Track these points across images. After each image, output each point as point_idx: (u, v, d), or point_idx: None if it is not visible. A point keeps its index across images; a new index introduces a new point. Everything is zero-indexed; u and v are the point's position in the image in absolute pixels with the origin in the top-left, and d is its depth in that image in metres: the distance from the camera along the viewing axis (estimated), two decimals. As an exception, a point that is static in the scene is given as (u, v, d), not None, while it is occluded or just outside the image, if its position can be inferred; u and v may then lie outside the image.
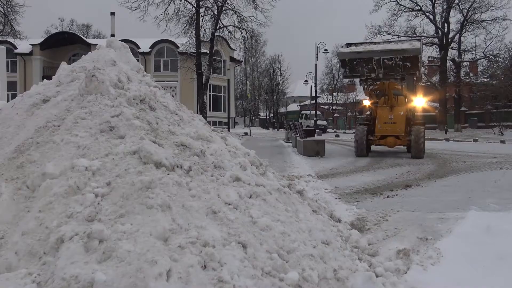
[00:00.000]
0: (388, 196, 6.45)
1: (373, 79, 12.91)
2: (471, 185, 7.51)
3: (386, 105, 14.04)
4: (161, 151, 3.10)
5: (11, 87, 28.48)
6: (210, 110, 36.88)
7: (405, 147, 13.94)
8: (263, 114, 74.36)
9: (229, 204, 2.99)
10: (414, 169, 10.12)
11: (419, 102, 14.65)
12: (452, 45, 36.72)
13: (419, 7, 36.55)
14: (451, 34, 36.16)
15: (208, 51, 28.94)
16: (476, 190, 6.89)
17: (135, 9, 26.03)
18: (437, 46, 36.72)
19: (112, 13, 41.98)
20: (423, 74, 38.35)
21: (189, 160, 3.29)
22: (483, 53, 35.78)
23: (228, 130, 31.62)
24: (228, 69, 43.53)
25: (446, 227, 4.42)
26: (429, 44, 36.95)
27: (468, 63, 38.83)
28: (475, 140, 24.05)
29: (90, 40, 42.36)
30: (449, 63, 37.21)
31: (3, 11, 29.52)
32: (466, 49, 36.62)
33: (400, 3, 36.41)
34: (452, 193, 6.65)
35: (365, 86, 13.65)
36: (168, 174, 2.99)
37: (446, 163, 11.56)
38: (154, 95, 3.94)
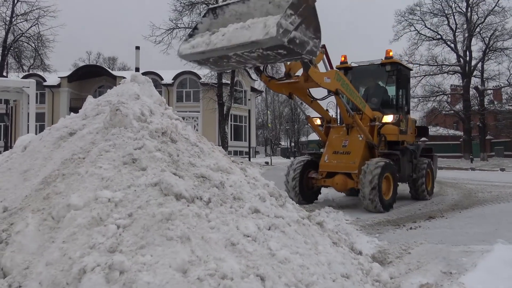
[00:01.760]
0: (411, 228, 6.34)
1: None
2: (498, 216, 7.31)
3: (340, 125, 9.55)
4: (181, 183, 3.16)
5: (40, 118, 29.45)
6: (231, 140, 37.18)
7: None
8: (284, 143, 74.40)
9: (248, 236, 3.01)
10: (437, 199, 9.93)
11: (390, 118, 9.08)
12: (474, 73, 36.47)
13: (439, 36, 36.71)
14: (473, 62, 36.03)
15: (229, 82, 29.46)
16: (503, 222, 6.69)
17: (159, 43, 26.89)
18: (459, 74, 36.53)
19: (137, 47, 43.13)
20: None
21: (209, 192, 3.34)
22: (507, 80, 35.41)
23: (249, 160, 31.70)
24: (249, 99, 44.04)
25: (471, 260, 4.31)
26: (451, 72, 36.80)
27: (492, 91, 38.42)
28: (502, 169, 23.47)
29: (115, 73, 43.66)
30: (472, 91, 36.88)
31: (34, 46, 30.91)
32: (490, 77, 36.33)
33: (420, 32, 36.66)
34: (478, 225, 6.48)
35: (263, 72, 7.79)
36: (188, 205, 3.04)
37: (472, 193, 11.30)
38: (176, 127, 4.04)
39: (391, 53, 10.14)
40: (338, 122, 9.90)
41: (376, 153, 8.90)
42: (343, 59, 10.43)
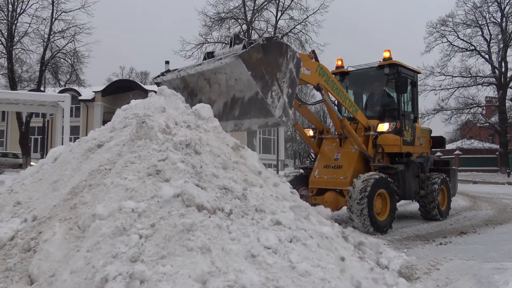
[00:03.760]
0: (441, 243, 6.14)
1: None
2: (534, 233, 7.00)
3: (334, 135, 8.40)
4: (203, 194, 3.20)
5: (74, 131, 30.42)
6: (260, 153, 37.25)
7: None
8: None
9: (269, 248, 3.00)
10: (470, 214, 9.60)
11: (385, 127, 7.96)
12: (511, 84, 35.28)
13: (473, 47, 35.75)
14: (509, 73, 34.84)
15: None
16: (540, 239, 6.41)
17: (189, 57, 27.43)
18: (494, 86, 35.43)
19: (167, 62, 44.09)
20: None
21: (230, 203, 3.36)
22: (546, 92, 34.05)
23: (277, 173, 31.58)
24: (278, 112, 44.08)
25: (503, 278, 4.13)
26: (485, 84, 35.77)
27: (529, 103, 37.01)
28: (541, 184, 22.52)
29: (147, 87, 44.53)
30: (508, 103, 35.66)
31: (70, 62, 32.09)
32: (527, 88, 35.02)
33: (453, 43, 35.85)
34: (512, 242, 6.23)
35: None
36: (209, 217, 3.06)
37: (507, 208, 10.87)
38: (200, 139, 4.09)
39: (387, 54, 8.68)
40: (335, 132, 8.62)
41: (372, 166, 7.82)
42: (339, 63, 9.38)
